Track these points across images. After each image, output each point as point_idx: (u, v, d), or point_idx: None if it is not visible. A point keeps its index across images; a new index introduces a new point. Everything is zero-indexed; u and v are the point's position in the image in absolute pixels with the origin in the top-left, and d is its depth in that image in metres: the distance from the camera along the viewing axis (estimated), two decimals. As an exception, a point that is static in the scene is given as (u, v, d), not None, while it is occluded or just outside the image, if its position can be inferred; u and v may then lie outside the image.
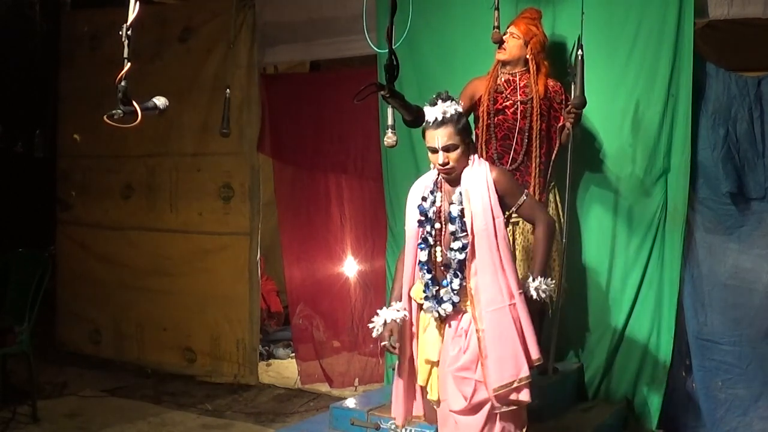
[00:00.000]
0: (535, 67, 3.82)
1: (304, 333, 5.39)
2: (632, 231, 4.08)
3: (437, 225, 2.93)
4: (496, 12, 3.89)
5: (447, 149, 2.85)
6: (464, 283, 2.84)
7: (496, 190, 2.87)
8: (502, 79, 3.87)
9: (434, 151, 2.87)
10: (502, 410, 2.79)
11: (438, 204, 2.95)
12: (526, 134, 3.80)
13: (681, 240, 3.97)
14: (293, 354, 5.63)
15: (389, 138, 2.79)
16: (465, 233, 2.84)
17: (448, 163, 2.86)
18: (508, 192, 2.93)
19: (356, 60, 5.12)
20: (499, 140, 3.83)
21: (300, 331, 5.41)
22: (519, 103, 3.81)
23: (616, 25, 4.03)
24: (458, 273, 2.85)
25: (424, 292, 2.91)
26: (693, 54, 3.87)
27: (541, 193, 3.83)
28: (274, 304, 6.42)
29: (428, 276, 2.91)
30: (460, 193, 2.88)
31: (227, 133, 4.70)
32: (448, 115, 2.84)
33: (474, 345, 2.81)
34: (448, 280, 2.87)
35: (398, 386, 3.04)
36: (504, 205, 2.91)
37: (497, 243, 2.82)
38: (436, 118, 2.83)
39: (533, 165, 3.81)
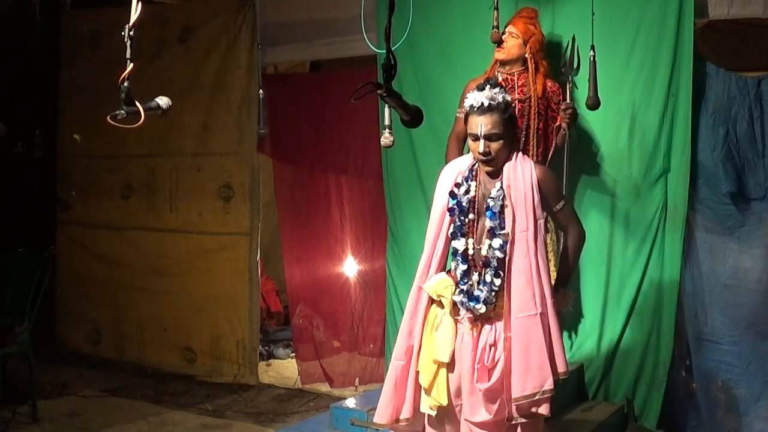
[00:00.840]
0: (533, 66, 3.82)
1: (304, 333, 5.39)
2: (632, 231, 4.08)
3: (471, 215, 2.77)
4: (495, 12, 3.89)
5: (489, 138, 2.68)
6: (504, 284, 2.69)
7: (540, 189, 2.74)
8: (500, 78, 3.86)
9: (475, 138, 2.71)
10: (519, 421, 2.67)
11: (472, 193, 2.79)
12: (524, 133, 3.79)
13: (681, 240, 3.97)
14: (293, 354, 5.63)
15: (385, 138, 2.75)
16: (504, 231, 2.69)
17: (489, 153, 2.69)
18: (551, 194, 2.79)
19: (356, 60, 5.11)
20: (497, 139, 3.82)
21: (300, 331, 5.41)
22: (517, 101, 3.80)
23: (616, 25, 4.02)
24: (499, 272, 2.70)
25: (459, 284, 2.74)
26: (693, 54, 3.87)
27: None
28: (273, 304, 6.41)
29: (463, 267, 2.75)
30: (502, 188, 2.72)
31: (264, 133, 4.73)
32: (495, 102, 2.68)
33: (501, 359, 2.67)
34: (488, 279, 2.70)
35: (395, 384, 2.83)
36: (543, 207, 2.77)
37: (536, 247, 2.68)
38: (482, 104, 2.67)
39: (530, 164, 3.80)
